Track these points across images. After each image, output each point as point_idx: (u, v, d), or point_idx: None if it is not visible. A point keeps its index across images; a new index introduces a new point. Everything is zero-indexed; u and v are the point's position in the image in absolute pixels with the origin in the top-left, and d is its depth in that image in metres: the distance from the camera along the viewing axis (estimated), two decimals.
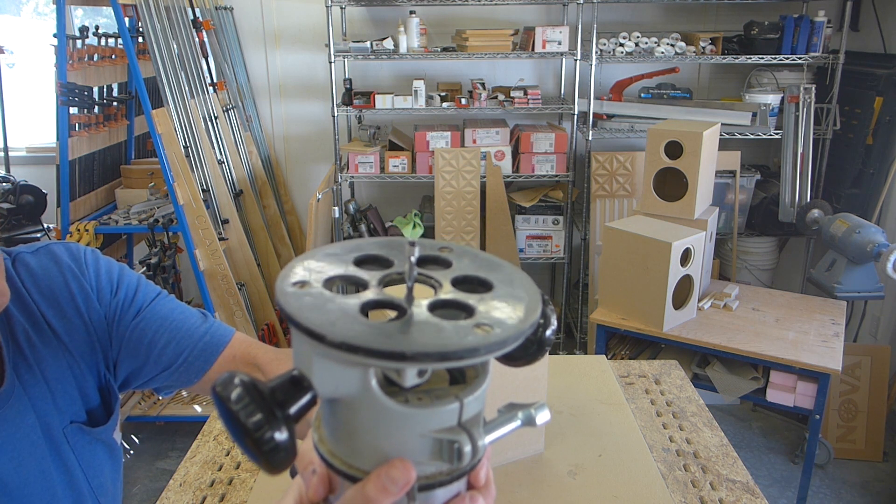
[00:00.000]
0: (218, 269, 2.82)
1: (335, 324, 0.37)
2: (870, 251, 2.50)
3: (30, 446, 0.81)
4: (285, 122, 3.77)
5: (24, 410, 0.81)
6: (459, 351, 0.37)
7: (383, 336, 0.37)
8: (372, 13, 3.56)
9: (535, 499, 1.21)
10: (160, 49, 2.73)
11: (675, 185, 2.47)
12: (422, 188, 3.72)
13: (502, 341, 0.38)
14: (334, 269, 0.44)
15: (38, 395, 0.82)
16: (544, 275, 4.00)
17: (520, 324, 0.40)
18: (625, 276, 2.31)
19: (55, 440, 0.84)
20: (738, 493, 1.24)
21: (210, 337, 0.93)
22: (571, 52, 3.17)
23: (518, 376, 1.25)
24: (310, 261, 0.45)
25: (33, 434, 0.82)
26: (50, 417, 0.83)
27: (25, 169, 3.67)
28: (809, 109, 3.07)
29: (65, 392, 0.85)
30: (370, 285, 0.43)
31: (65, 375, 0.85)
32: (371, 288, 0.43)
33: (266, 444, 0.37)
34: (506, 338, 0.39)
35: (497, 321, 0.40)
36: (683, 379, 1.67)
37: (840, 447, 2.88)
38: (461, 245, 0.50)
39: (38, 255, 0.87)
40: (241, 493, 1.25)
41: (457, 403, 0.43)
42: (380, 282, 0.44)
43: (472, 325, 0.40)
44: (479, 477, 0.48)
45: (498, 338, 0.38)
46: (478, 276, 0.46)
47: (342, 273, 0.44)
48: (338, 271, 0.44)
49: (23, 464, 0.80)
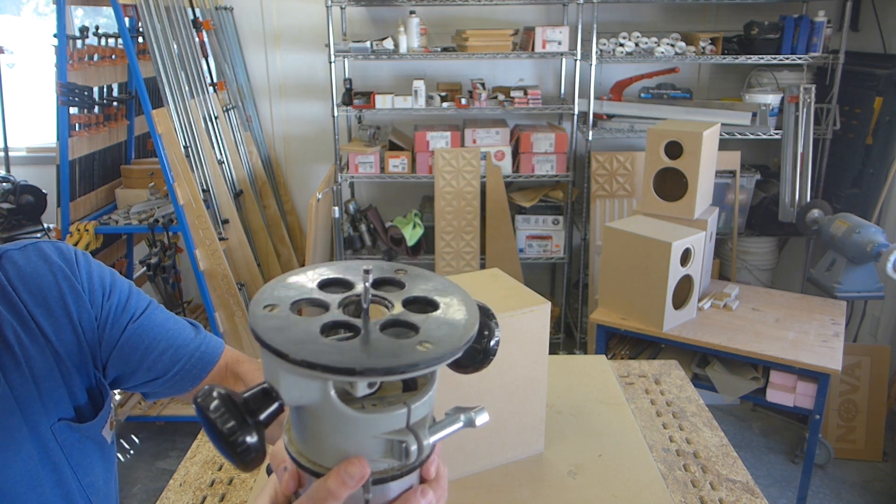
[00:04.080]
0: (218, 269, 2.82)
1: (297, 344, 0.44)
2: (870, 251, 2.50)
3: (16, 446, 0.80)
4: (285, 122, 3.77)
5: (9, 410, 0.80)
6: (402, 367, 0.44)
7: (337, 354, 0.44)
8: (372, 13, 3.56)
9: (535, 499, 1.21)
10: (160, 49, 2.73)
11: (675, 185, 2.47)
12: (422, 188, 3.72)
13: (440, 356, 0.46)
14: (300, 293, 0.52)
15: (25, 395, 0.81)
16: (544, 275, 4.00)
17: (457, 341, 0.47)
18: (625, 276, 2.31)
19: (43, 439, 0.83)
20: (738, 493, 1.24)
21: (204, 349, 0.95)
22: (571, 52, 3.17)
23: (518, 376, 1.25)
24: (279, 286, 0.52)
25: (18, 434, 0.81)
26: (37, 416, 0.82)
27: (25, 169, 3.68)
28: (809, 109, 3.07)
29: (52, 390, 0.84)
30: (331, 307, 0.50)
31: (52, 374, 0.84)
32: (332, 310, 0.50)
33: (239, 447, 0.44)
34: (443, 353, 0.46)
35: (437, 339, 0.47)
36: (683, 379, 1.67)
37: (840, 447, 2.88)
38: (416, 268, 0.58)
39: (26, 252, 0.85)
40: (241, 493, 1.25)
41: (405, 409, 0.50)
42: (340, 303, 0.51)
43: (415, 343, 0.46)
44: (430, 471, 0.56)
45: (436, 353, 0.46)
46: (426, 297, 0.53)
47: (307, 297, 0.51)
48: (303, 295, 0.51)
49: (9, 465, 0.80)
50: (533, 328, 1.23)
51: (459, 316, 0.51)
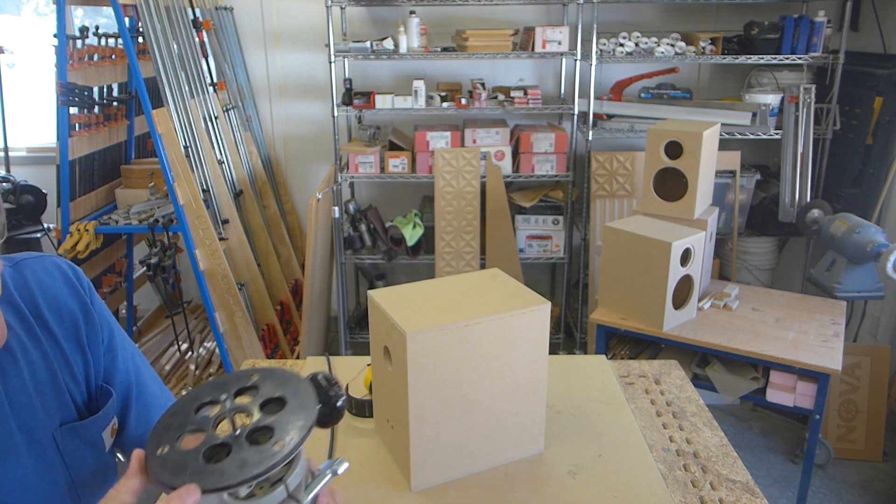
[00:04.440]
0: (218, 269, 2.82)
1: (189, 478, 0.60)
2: (870, 251, 2.50)
3: (12, 452, 0.81)
4: (285, 122, 3.77)
5: (2, 416, 0.80)
6: (267, 469, 0.60)
7: (218, 476, 0.60)
8: (372, 13, 3.56)
9: (535, 499, 1.21)
10: (160, 49, 2.73)
11: (675, 185, 2.47)
12: (422, 188, 3.72)
13: (292, 450, 0.62)
14: (179, 426, 0.67)
15: (24, 401, 0.82)
16: (544, 275, 4.00)
17: (301, 430, 0.64)
18: (625, 276, 2.31)
19: (41, 445, 0.83)
20: (738, 493, 1.24)
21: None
22: (571, 52, 3.17)
23: (518, 376, 1.25)
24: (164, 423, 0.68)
25: (11, 440, 0.81)
26: (36, 423, 0.83)
27: (25, 169, 3.68)
28: (809, 109, 3.07)
29: (55, 396, 0.85)
30: (207, 430, 0.65)
31: (56, 380, 0.85)
32: (207, 432, 0.65)
33: None
34: (294, 447, 0.62)
35: (289, 433, 0.63)
36: (683, 379, 1.67)
37: (840, 447, 2.88)
38: (264, 367, 0.73)
39: (43, 263, 0.89)
40: None
41: (283, 486, 0.65)
42: (214, 422, 0.66)
43: (272, 444, 0.62)
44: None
45: (289, 449, 0.62)
46: (275, 396, 0.69)
47: (186, 429, 0.66)
48: (181, 428, 0.66)
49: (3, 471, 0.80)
50: (533, 328, 1.23)
51: (303, 405, 0.67)
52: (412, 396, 1.16)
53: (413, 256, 3.45)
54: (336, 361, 1.71)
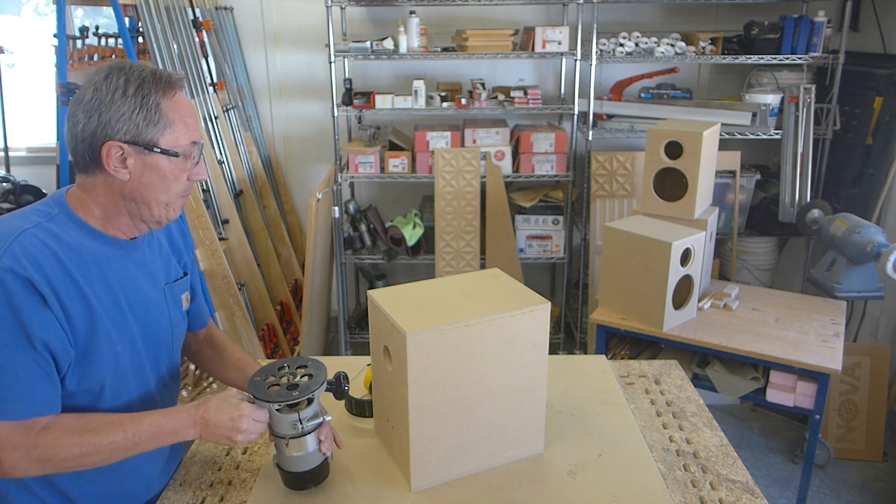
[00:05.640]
0: (218, 269, 2.82)
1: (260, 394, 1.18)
2: (870, 251, 2.50)
3: (154, 280, 1.28)
4: (285, 122, 3.77)
5: (151, 258, 1.28)
6: (285, 400, 1.16)
7: (272, 395, 1.17)
8: (372, 13, 3.56)
9: (535, 499, 1.21)
10: (160, 49, 2.73)
11: (675, 185, 2.47)
12: (422, 188, 3.72)
13: (298, 397, 1.16)
14: (265, 373, 1.23)
15: (156, 254, 1.30)
16: (544, 275, 4.00)
17: (308, 391, 1.18)
18: (625, 276, 2.31)
19: (161, 287, 1.29)
20: (738, 493, 1.24)
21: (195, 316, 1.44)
22: (571, 52, 3.17)
23: (518, 376, 1.25)
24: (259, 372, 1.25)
25: (153, 277, 1.28)
26: (159, 274, 1.29)
27: (25, 169, 3.67)
28: (809, 109, 3.08)
29: (167, 263, 1.32)
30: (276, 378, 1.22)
31: (167, 254, 1.33)
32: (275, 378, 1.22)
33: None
34: (300, 395, 1.17)
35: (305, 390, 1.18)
36: (683, 379, 1.67)
37: (840, 447, 2.88)
38: (311, 357, 1.28)
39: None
40: (240, 494, 1.25)
41: (296, 413, 1.18)
42: (279, 376, 1.23)
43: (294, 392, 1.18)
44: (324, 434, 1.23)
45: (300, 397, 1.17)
46: (308, 372, 1.23)
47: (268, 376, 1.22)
48: (265, 374, 1.23)
49: (153, 289, 1.27)
50: (533, 328, 1.23)
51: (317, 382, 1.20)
52: (412, 396, 1.16)
53: (413, 256, 3.45)
54: (336, 361, 1.71)
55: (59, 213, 1.14)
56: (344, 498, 1.22)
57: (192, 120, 1.16)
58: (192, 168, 1.18)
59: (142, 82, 1.10)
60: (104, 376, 1.16)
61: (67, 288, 1.09)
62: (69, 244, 1.11)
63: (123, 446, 1.10)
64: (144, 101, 1.10)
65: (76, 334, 1.10)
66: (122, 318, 1.17)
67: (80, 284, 1.10)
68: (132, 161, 1.12)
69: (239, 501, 1.23)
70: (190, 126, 1.15)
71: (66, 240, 1.11)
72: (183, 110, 1.14)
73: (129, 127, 1.10)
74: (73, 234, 1.13)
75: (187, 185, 1.19)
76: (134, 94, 1.09)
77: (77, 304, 1.10)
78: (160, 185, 1.15)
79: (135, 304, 1.20)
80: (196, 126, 1.17)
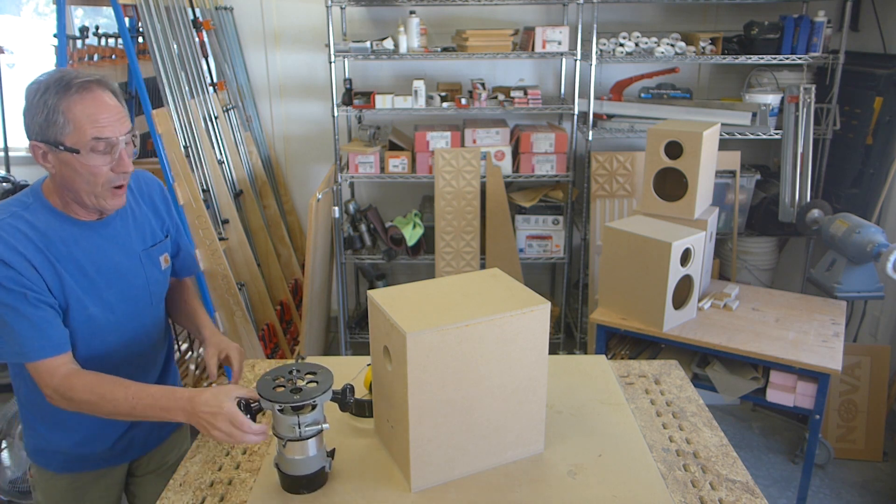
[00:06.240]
0: (218, 269, 2.81)
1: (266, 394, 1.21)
2: (870, 251, 2.50)
3: (128, 250, 1.43)
4: (285, 122, 3.77)
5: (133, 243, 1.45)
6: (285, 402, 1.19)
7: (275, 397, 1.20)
8: (372, 13, 3.56)
9: (535, 499, 1.21)
10: (160, 49, 2.73)
11: (675, 185, 2.47)
12: (422, 188, 3.72)
13: (300, 401, 1.18)
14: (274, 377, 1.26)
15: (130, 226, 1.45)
16: (544, 275, 4.00)
17: (309, 397, 1.19)
18: (625, 276, 2.31)
19: (137, 254, 1.45)
20: (738, 493, 1.24)
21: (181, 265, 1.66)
22: (571, 52, 3.17)
23: (518, 376, 1.25)
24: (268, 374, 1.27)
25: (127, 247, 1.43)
26: (134, 243, 1.45)
27: (25, 169, 3.67)
28: (809, 109, 3.08)
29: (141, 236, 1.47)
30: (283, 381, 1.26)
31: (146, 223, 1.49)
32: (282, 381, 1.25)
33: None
34: (303, 400, 1.19)
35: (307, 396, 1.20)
36: (683, 379, 1.67)
37: (840, 447, 2.88)
38: (320, 364, 1.30)
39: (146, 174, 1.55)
40: (240, 493, 1.25)
41: (296, 417, 1.19)
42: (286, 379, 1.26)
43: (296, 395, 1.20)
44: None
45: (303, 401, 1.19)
46: (315, 378, 1.25)
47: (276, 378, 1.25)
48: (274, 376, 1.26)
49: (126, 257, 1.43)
50: (533, 328, 1.23)
51: (321, 390, 1.21)
52: (412, 396, 1.16)
53: (413, 256, 3.45)
54: (336, 361, 1.71)
55: (34, 203, 1.33)
56: (344, 497, 1.22)
57: (102, 118, 1.25)
58: (113, 162, 1.28)
59: (47, 88, 1.24)
60: (76, 331, 1.35)
61: (41, 262, 1.28)
62: (39, 229, 1.30)
63: (123, 407, 1.27)
64: (45, 105, 1.23)
65: (52, 296, 1.30)
66: (91, 286, 1.35)
67: (50, 260, 1.30)
68: (51, 157, 1.27)
69: (239, 501, 1.23)
70: (96, 124, 1.24)
71: (38, 225, 1.30)
72: (87, 111, 1.24)
73: (37, 128, 1.25)
74: (44, 219, 1.31)
75: (113, 176, 1.29)
76: (38, 100, 1.24)
77: (49, 275, 1.29)
78: (79, 178, 1.27)
79: (107, 272, 1.39)
80: (107, 123, 1.25)
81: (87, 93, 1.24)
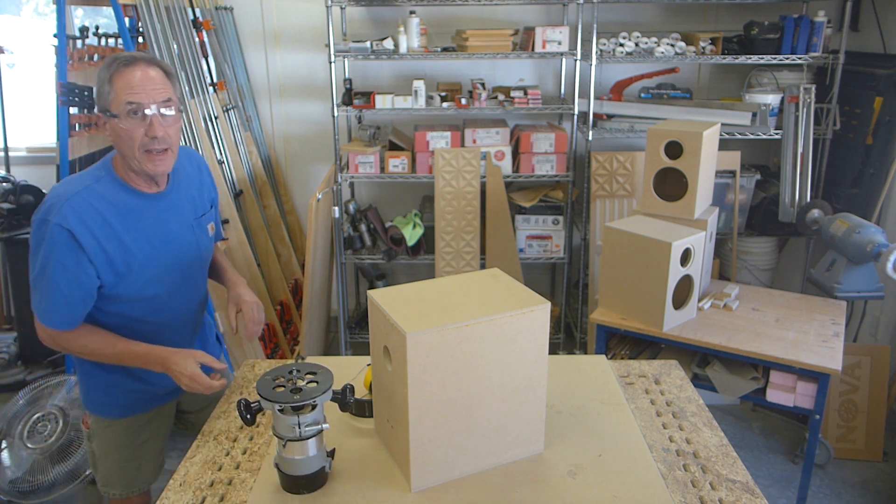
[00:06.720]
0: None
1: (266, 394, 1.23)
2: (870, 251, 2.50)
3: (183, 220, 1.63)
4: (285, 122, 3.77)
5: (179, 202, 1.63)
6: (284, 402, 1.20)
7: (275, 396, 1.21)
8: (372, 13, 3.56)
9: (535, 499, 1.21)
10: (160, 49, 2.72)
11: (675, 185, 2.47)
12: (422, 188, 3.72)
13: (300, 401, 1.19)
14: (275, 375, 1.28)
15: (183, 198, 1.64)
16: (544, 275, 4.00)
17: (308, 397, 1.20)
18: (625, 276, 2.31)
19: (190, 223, 1.64)
20: (738, 493, 1.24)
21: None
22: (571, 52, 3.17)
23: (518, 376, 1.25)
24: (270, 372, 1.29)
25: (183, 216, 1.63)
26: (187, 213, 1.64)
27: (25, 169, 3.67)
28: (809, 109, 3.08)
29: (194, 203, 1.67)
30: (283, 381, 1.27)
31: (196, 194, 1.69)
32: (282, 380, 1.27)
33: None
34: (302, 400, 1.19)
35: (308, 393, 1.22)
36: (683, 379, 1.67)
37: (840, 447, 2.88)
38: (321, 365, 1.31)
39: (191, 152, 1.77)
40: (240, 493, 1.25)
41: (296, 416, 1.20)
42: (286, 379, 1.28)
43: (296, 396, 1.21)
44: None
45: (303, 401, 1.20)
46: (315, 379, 1.26)
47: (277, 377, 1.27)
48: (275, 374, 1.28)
49: (182, 227, 1.62)
50: (533, 328, 1.23)
51: (321, 391, 1.22)
52: (412, 396, 1.16)
53: (413, 256, 3.45)
54: (336, 361, 1.71)
55: (106, 176, 1.51)
56: (344, 497, 1.22)
57: (137, 86, 1.43)
58: (146, 126, 1.45)
59: (106, 65, 1.44)
60: (134, 294, 1.55)
61: (108, 236, 1.47)
62: (110, 201, 1.49)
63: (111, 360, 1.55)
64: (100, 79, 1.45)
65: (114, 266, 1.48)
66: (154, 252, 1.55)
67: (117, 231, 1.48)
68: (107, 125, 1.47)
69: (239, 501, 1.23)
70: (131, 91, 1.42)
71: (109, 198, 1.49)
72: (127, 80, 1.43)
73: (97, 99, 1.48)
74: (114, 192, 1.50)
75: (147, 140, 1.45)
76: (98, 76, 1.46)
77: (114, 246, 1.48)
78: (122, 143, 1.46)
79: (168, 241, 1.58)
80: (141, 91, 1.43)
81: (131, 66, 1.43)
